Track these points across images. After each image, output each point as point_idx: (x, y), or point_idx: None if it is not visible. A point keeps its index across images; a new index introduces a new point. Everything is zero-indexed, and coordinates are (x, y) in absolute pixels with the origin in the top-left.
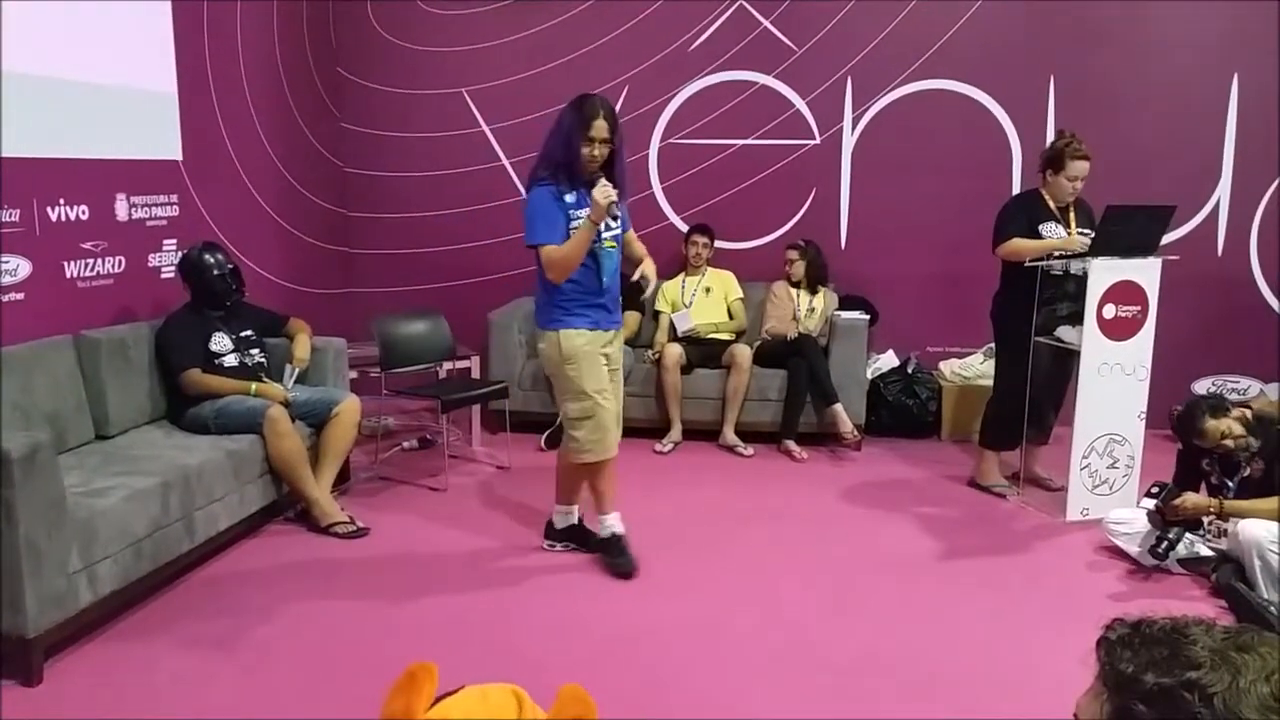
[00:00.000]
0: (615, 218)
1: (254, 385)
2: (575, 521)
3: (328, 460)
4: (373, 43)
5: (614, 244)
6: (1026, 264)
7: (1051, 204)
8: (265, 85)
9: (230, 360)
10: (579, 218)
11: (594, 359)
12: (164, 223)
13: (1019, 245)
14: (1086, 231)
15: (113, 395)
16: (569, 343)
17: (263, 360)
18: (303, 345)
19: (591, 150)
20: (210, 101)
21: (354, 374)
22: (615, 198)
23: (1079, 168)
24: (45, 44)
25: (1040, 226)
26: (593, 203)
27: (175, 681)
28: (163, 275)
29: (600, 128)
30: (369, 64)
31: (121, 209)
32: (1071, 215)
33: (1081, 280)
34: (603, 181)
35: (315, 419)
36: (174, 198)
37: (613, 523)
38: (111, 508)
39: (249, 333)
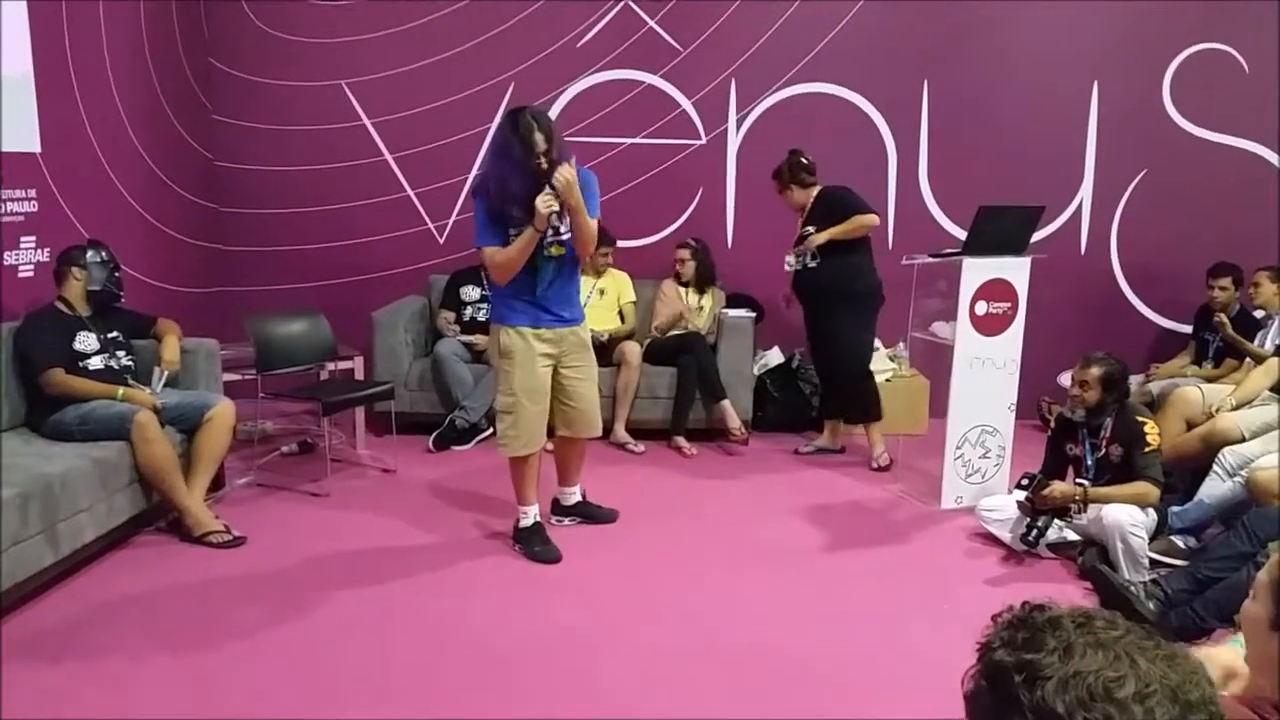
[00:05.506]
0: (556, 229)
1: (121, 390)
2: (533, 523)
3: (200, 467)
4: (247, 32)
5: (561, 249)
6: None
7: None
8: (131, 74)
9: (96, 362)
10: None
11: (529, 359)
12: (21, 218)
13: None
14: (807, 231)
15: None
16: (506, 339)
17: (130, 363)
18: (171, 347)
19: (539, 164)
20: (71, 91)
21: (229, 376)
22: (557, 208)
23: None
24: None
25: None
26: (535, 212)
27: (41, 700)
28: (20, 274)
29: (538, 141)
30: (243, 54)
31: None
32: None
33: (953, 278)
34: (546, 190)
35: (186, 424)
36: (32, 192)
37: (568, 494)
38: None
39: (116, 334)
